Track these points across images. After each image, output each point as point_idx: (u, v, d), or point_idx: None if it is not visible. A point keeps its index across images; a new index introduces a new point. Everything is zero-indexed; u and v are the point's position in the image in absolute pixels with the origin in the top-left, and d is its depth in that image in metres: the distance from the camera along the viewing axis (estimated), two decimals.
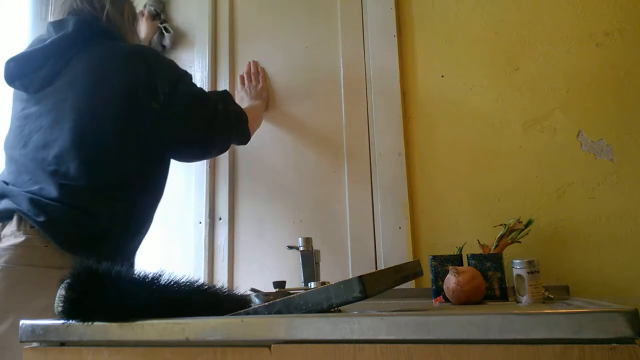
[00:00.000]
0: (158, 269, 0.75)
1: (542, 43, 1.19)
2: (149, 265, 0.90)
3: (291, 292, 0.90)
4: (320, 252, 1.20)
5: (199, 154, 1.22)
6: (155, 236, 1.25)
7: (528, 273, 0.84)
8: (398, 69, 1.31)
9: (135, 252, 1.16)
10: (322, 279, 1.17)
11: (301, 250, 1.14)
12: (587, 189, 1.10)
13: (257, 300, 0.91)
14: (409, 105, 1.30)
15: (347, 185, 1.33)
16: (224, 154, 1.50)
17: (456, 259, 1.01)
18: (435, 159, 1.25)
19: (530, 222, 1.02)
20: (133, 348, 0.69)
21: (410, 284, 1.18)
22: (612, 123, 1.11)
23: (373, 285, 0.69)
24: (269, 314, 0.69)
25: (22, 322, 0.76)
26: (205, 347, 0.66)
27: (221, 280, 1.41)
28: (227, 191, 1.48)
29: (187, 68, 1.63)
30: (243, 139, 1.28)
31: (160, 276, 0.74)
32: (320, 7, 1.46)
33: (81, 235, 1.00)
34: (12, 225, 0.99)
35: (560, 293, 1.00)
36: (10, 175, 1.08)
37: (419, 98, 1.30)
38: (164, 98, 1.07)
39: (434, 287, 1.00)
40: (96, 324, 0.70)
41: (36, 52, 1.12)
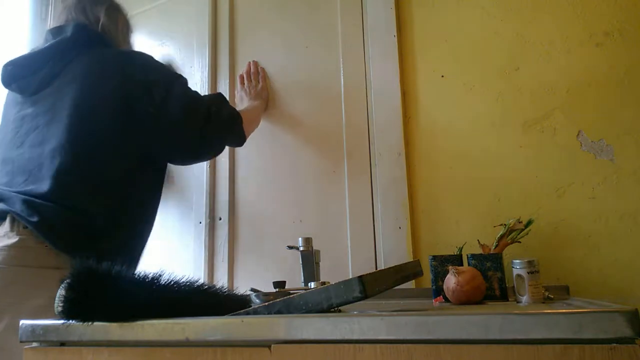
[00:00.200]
0: (158, 269, 0.75)
1: (542, 43, 1.19)
2: (149, 265, 0.90)
3: (291, 292, 0.90)
4: (320, 252, 1.20)
5: (193, 156, 1.21)
6: (156, 236, 1.25)
7: (528, 273, 0.84)
8: (398, 69, 1.31)
9: (138, 254, 1.15)
10: (322, 279, 1.17)
11: (301, 250, 1.14)
12: (587, 189, 1.10)
13: (257, 300, 0.91)
14: (409, 105, 1.30)
15: (347, 185, 1.33)
16: (224, 154, 1.50)
17: (456, 259, 1.01)
18: (435, 159, 1.25)
19: (530, 222, 1.02)
20: (133, 348, 0.69)
21: (410, 284, 1.18)
22: (612, 123, 1.11)
23: (373, 285, 0.69)
24: (269, 314, 0.69)
25: (22, 322, 0.75)
26: (205, 347, 0.66)
27: (221, 280, 1.41)
28: (227, 191, 1.48)
29: (187, 68, 1.64)
30: (238, 140, 1.27)
31: (160, 276, 0.74)
32: (320, 7, 1.46)
33: (76, 234, 1.00)
34: (5, 226, 0.99)
35: (560, 293, 1.00)
36: (5, 177, 1.08)
37: (419, 98, 1.30)
38: (159, 101, 1.08)
39: (434, 287, 1.00)
40: (96, 324, 0.70)
41: (34, 55, 1.13)
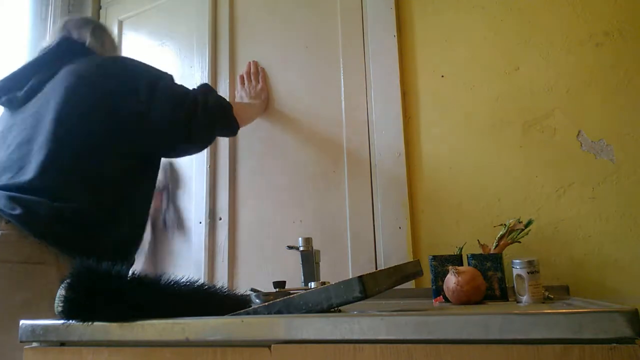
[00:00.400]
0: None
1: (542, 43, 1.19)
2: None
3: (291, 292, 0.90)
4: (320, 252, 1.20)
5: (184, 149, 1.22)
6: None
7: (528, 273, 0.84)
8: (398, 69, 1.31)
9: (130, 246, 1.14)
10: (322, 279, 1.17)
11: (301, 250, 1.14)
12: (587, 189, 1.10)
13: (257, 300, 0.91)
14: (409, 105, 1.30)
15: (347, 185, 1.33)
16: (224, 155, 1.50)
17: (456, 259, 1.01)
18: (435, 159, 1.25)
19: (530, 222, 1.02)
20: (133, 348, 0.69)
21: (410, 284, 1.18)
22: (612, 123, 1.11)
23: (373, 285, 0.69)
24: (269, 314, 0.69)
25: (22, 322, 0.76)
26: (205, 347, 0.66)
27: (221, 280, 1.41)
28: (227, 191, 1.48)
29: (187, 68, 1.64)
30: (229, 128, 1.27)
31: (160, 276, 0.75)
32: (320, 7, 1.46)
33: (60, 225, 0.99)
34: None
35: (560, 293, 1.00)
36: None
37: (419, 98, 1.30)
38: (144, 98, 1.10)
39: (434, 287, 1.00)
40: (96, 324, 0.70)
41: (22, 69, 1.19)
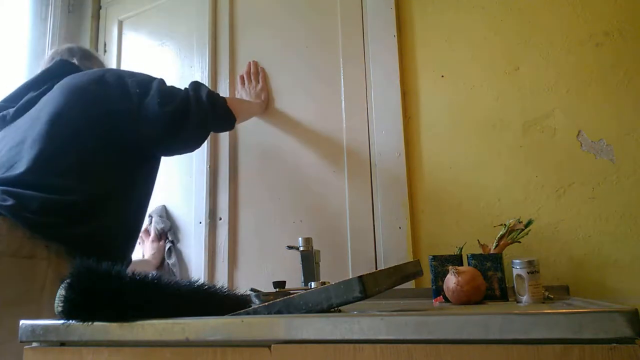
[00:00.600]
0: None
1: (542, 43, 1.19)
2: None
3: (291, 292, 0.90)
4: (320, 252, 1.20)
5: (179, 142, 1.20)
6: None
7: (528, 273, 0.84)
8: (398, 69, 1.31)
9: (126, 242, 1.13)
10: (322, 279, 1.17)
11: (301, 250, 1.14)
12: (587, 189, 1.10)
13: (257, 300, 0.91)
14: (409, 105, 1.30)
15: (347, 185, 1.33)
16: (224, 155, 1.50)
17: (456, 259, 1.01)
18: (435, 159, 1.25)
19: (530, 222, 1.02)
20: (133, 348, 0.69)
21: (410, 284, 1.18)
22: (612, 123, 1.11)
23: (373, 285, 0.69)
24: (269, 314, 0.69)
25: (22, 322, 0.76)
26: (205, 347, 0.66)
27: (221, 280, 1.41)
28: (227, 191, 1.48)
29: (187, 68, 1.64)
30: (224, 120, 1.27)
31: (160, 276, 0.75)
32: (320, 7, 1.46)
33: (53, 215, 0.98)
34: None
35: (560, 293, 1.00)
36: None
37: (419, 98, 1.30)
38: (136, 100, 1.11)
39: (434, 287, 1.00)
40: (96, 324, 0.70)
41: (19, 88, 1.23)
